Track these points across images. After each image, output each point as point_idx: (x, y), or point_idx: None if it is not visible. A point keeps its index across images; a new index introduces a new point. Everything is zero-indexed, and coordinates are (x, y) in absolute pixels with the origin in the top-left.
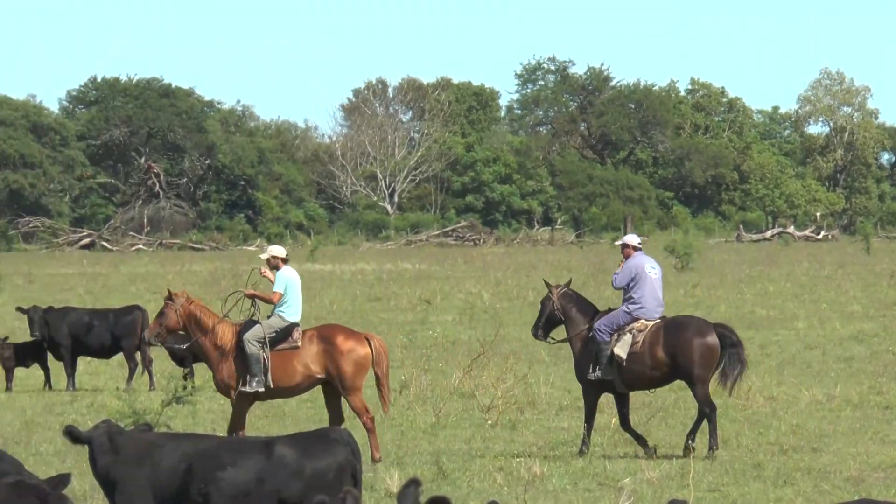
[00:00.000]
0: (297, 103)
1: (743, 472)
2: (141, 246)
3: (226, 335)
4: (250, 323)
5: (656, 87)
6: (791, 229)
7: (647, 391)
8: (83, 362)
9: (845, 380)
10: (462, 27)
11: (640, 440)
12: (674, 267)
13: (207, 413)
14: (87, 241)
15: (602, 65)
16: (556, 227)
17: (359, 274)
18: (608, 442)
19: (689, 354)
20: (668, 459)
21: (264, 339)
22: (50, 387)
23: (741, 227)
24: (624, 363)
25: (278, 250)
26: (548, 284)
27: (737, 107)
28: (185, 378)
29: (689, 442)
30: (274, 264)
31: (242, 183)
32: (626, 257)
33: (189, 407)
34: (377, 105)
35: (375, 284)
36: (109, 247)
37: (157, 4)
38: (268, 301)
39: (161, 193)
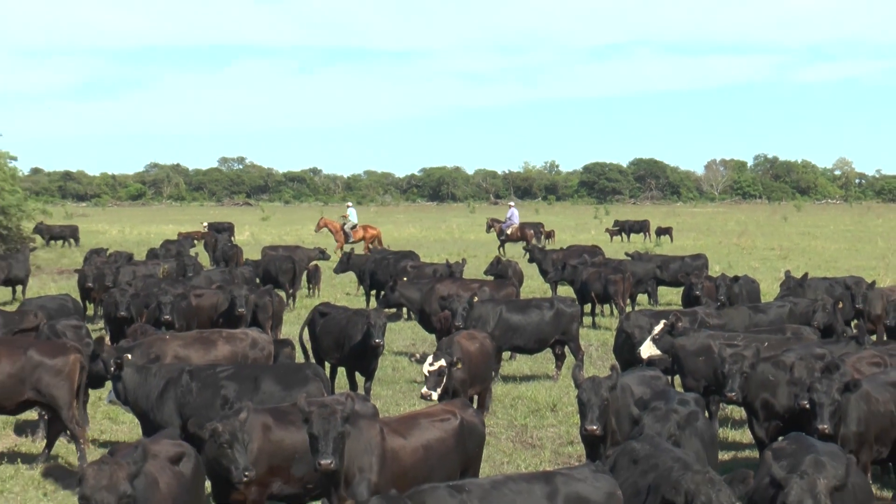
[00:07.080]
0: None
1: None
2: None
3: (333, 225)
4: (347, 223)
5: None
6: None
7: None
8: None
9: None
10: None
11: None
12: None
13: None
14: None
15: None
16: None
17: None
18: None
19: (526, 235)
20: None
21: (352, 226)
22: None
23: None
24: (509, 236)
25: (345, 206)
26: (490, 220)
27: None
28: None
29: None
30: (349, 206)
31: None
32: (510, 208)
33: None
34: None
35: None
36: None
37: None
38: (346, 217)
39: None
